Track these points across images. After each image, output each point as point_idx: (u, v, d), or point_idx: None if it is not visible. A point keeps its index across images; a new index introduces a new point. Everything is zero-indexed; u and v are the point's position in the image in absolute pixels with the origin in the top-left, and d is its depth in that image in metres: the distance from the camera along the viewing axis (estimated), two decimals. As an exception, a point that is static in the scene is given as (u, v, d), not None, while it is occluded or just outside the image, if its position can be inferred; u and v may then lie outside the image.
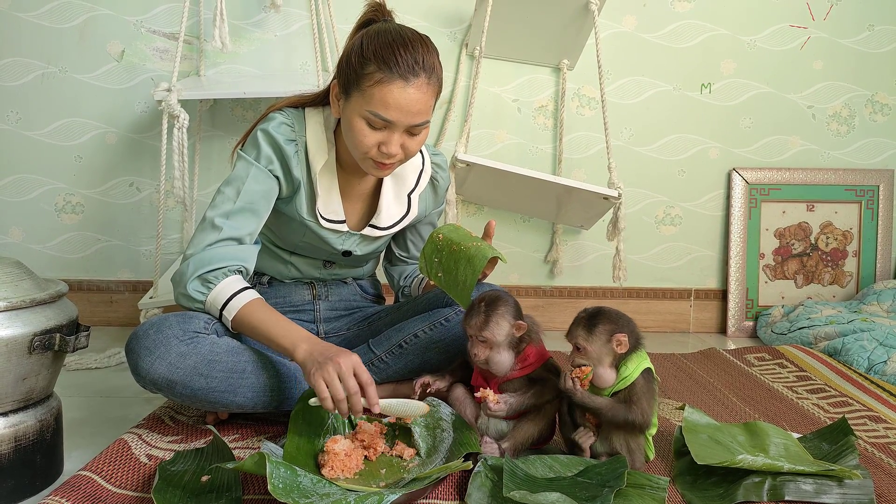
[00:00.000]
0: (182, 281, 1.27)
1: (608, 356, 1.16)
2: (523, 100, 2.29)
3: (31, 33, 2.20)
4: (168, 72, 2.17)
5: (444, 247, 1.29)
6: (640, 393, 1.15)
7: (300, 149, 1.35)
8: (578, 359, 1.17)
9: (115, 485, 1.10)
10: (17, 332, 1.06)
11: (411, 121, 1.25)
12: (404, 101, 1.23)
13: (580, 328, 1.17)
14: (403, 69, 1.22)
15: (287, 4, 2.20)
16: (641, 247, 2.36)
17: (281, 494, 0.97)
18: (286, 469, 1.00)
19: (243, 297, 1.26)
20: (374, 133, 1.26)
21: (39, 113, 2.23)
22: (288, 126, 1.35)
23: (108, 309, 2.29)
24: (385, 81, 1.22)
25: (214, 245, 1.28)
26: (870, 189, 2.35)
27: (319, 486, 1.02)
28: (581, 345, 1.16)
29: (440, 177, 1.51)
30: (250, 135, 1.37)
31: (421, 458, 1.19)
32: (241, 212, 1.30)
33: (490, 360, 1.20)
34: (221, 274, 1.27)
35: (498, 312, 1.19)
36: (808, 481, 1.07)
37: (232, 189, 1.31)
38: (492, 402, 1.19)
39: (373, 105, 1.23)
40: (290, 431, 1.17)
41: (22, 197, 2.26)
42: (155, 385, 1.22)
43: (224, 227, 1.29)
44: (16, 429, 1.09)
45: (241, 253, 1.30)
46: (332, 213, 1.39)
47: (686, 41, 2.30)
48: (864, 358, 1.81)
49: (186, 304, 1.28)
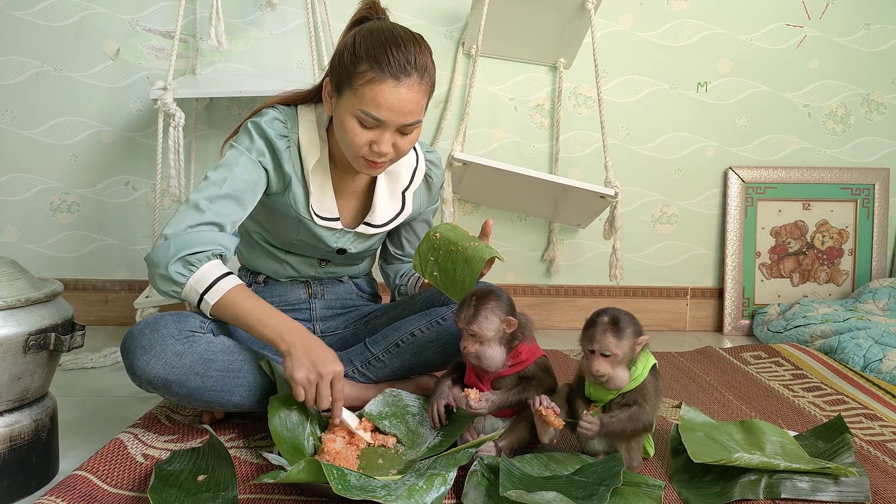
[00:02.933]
0: (161, 262, 1.21)
1: (628, 359, 1.15)
2: (520, 98, 2.29)
3: (26, 32, 2.19)
4: (164, 70, 2.17)
5: (440, 245, 1.29)
6: (650, 392, 1.15)
7: (292, 145, 1.35)
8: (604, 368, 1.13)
9: (111, 484, 1.10)
10: (12, 331, 1.06)
11: (403, 120, 1.25)
12: (396, 100, 1.22)
13: (609, 335, 1.13)
14: (395, 69, 1.22)
15: (283, 3, 2.19)
16: (638, 245, 2.36)
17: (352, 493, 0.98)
18: (336, 470, 1.02)
19: (226, 283, 1.22)
20: (365, 132, 1.25)
21: (34, 112, 2.22)
22: (280, 122, 1.34)
23: (104, 308, 2.28)
24: (377, 81, 1.22)
25: (196, 228, 1.23)
26: (865, 187, 2.35)
27: (364, 481, 1.04)
28: (612, 351, 1.13)
29: (434, 174, 1.51)
30: (242, 128, 1.36)
31: (405, 444, 1.23)
32: (225, 198, 1.27)
33: (480, 354, 1.20)
34: (204, 257, 1.22)
35: (488, 307, 1.19)
36: (805, 479, 1.08)
37: (219, 175, 1.28)
38: (472, 400, 1.19)
39: (364, 104, 1.23)
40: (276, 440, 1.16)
41: (17, 196, 2.25)
42: (151, 384, 1.21)
43: (207, 211, 1.24)
44: (11, 429, 1.09)
45: (222, 239, 1.25)
46: (325, 210, 1.39)
47: (682, 40, 2.30)
48: (859, 356, 1.81)
49: (164, 286, 1.22)
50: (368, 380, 1.42)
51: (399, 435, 1.25)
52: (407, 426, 1.28)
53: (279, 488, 1.10)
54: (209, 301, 1.22)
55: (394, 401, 1.32)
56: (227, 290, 1.21)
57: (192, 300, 1.24)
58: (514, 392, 1.21)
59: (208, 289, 1.22)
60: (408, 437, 1.25)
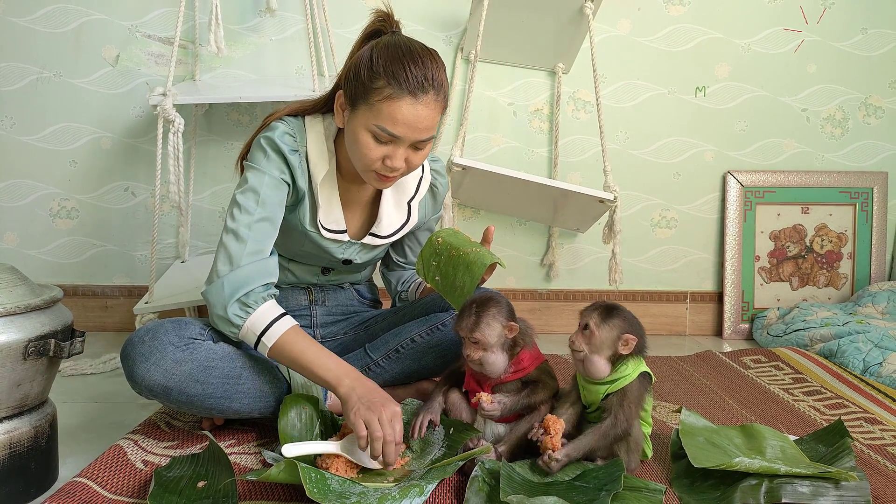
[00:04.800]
0: (217, 303, 1.23)
1: (609, 350, 1.16)
2: (519, 103, 2.30)
3: (26, 38, 2.19)
4: (163, 76, 2.17)
5: (442, 251, 1.29)
6: (630, 397, 1.15)
7: (303, 158, 1.34)
8: (580, 342, 1.16)
9: (111, 491, 1.10)
10: (12, 338, 1.06)
11: (418, 136, 1.24)
12: (413, 117, 1.22)
13: (597, 312, 1.17)
14: (413, 85, 1.21)
15: (282, 9, 2.20)
16: (637, 250, 2.37)
17: (321, 497, 0.98)
18: (316, 474, 1.02)
19: (281, 325, 1.22)
20: (379, 147, 1.25)
21: (34, 118, 2.22)
22: (290, 136, 1.33)
23: (104, 314, 2.28)
24: (395, 97, 1.21)
25: (245, 263, 1.25)
26: (864, 191, 2.36)
27: (347, 486, 1.04)
28: (591, 327, 1.16)
29: (440, 183, 1.51)
30: (254, 144, 1.34)
31: (414, 452, 1.22)
32: (260, 221, 1.28)
33: (484, 361, 1.20)
34: (260, 298, 1.24)
35: (489, 314, 1.19)
36: (805, 483, 1.08)
37: (250, 200, 1.28)
38: (486, 403, 1.19)
39: (381, 120, 1.22)
40: (283, 439, 1.17)
41: (16, 202, 2.25)
42: (151, 391, 1.21)
43: (248, 240, 1.26)
44: (10, 435, 1.09)
45: (268, 267, 1.27)
46: (333, 222, 1.38)
47: (680, 45, 2.31)
48: (859, 360, 1.81)
49: (224, 327, 1.25)
50: (368, 386, 1.42)
51: (411, 443, 1.24)
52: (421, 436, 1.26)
53: (279, 494, 1.10)
54: (266, 343, 1.22)
55: (412, 410, 1.32)
56: (283, 332, 1.22)
57: (250, 341, 1.25)
58: (522, 396, 1.22)
59: (265, 331, 1.22)
60: (419, 445, 1.24)
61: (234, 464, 1.18)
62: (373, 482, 1.10)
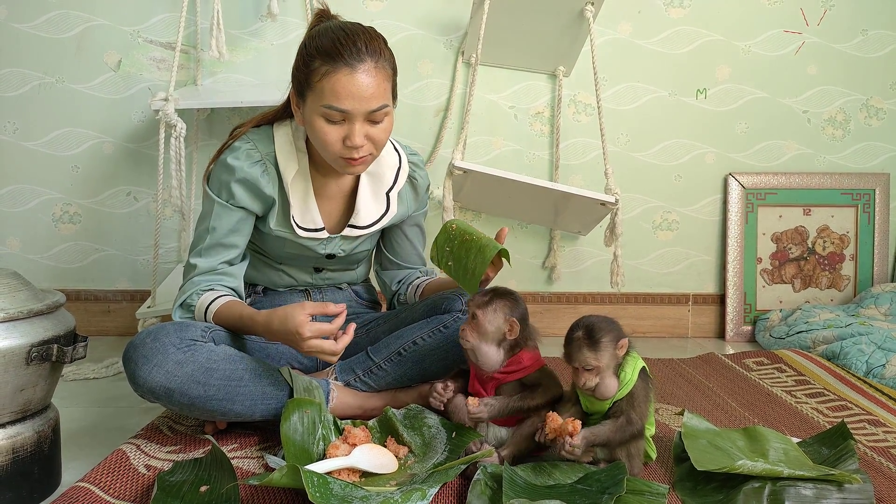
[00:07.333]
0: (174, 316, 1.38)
1: (613, 364, 1.16)
2: (520, 107, 2.30)
3: (29, 44, 2.20)
4: (165, 81, 2.17)
5: (456, 236, 1.31)
6: (639, 397, 1.15)
7: (269, 166, 1.38)
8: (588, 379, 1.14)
9: (114, 496, 1.10)
10: (15, 343, 1.06)
11: (366, 106, 1.26)
12: (354, 87, 1.24)
13: (585, 350, 1.14)
14: (347, 57, 1.24)
15: (284, 13, 2.20)
16: (639, 252, 2.36)
17: (323, 502, 0.98)
18: (318, 478, 1.02)
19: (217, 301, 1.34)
20: (335, 128, 1.27)
21: (36, 123, 2.23)
22: (249, 150, 1.37)
23: (106, 318, 2.28)
24: (331, 72, 1.24)
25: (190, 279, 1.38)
26: (866, 193, 2.35)
27: (349, 490, 1.04)
28: (592, 365, 1.13)
29: (419, 175, 1.52)
30: (213, 168, 1.41)
31: (416, 455, 1.22)
32: (210, 248, 1.38)
33: (476, 349, 1.20)
34: (195, 295, 1.36)
35: (501, 302, 1.20)
36: (808, 486, 1.07)
37: (202, 228, 1.40)
38: (472, 406, 1.19)
39: (325, 98, 1.25)
40: (285, 443, 1.17)
41: (19, 207, 2.26)
42: (153, 394, 1.21)
43: (199, 265, 1.38)
44: (13, 440, 1.09)
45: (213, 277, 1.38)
46: (308, 221, 1.41)
47: (681, 47, 2.31)
48: (862, 362, 1.81)
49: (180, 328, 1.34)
50: (370, 388, 1.42)
51: (413, 446, 1.24)
52: (423, 438, 1.27)
53: (282, 498, 1.10)
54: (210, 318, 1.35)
55: (416, 413, 1.33)
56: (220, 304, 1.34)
57: None
58: (515, 399, 1.21)
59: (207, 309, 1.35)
60: (421, 449, 1.24)
61: (236, 468, 1.17)
62: (375, 486, 1.10)
